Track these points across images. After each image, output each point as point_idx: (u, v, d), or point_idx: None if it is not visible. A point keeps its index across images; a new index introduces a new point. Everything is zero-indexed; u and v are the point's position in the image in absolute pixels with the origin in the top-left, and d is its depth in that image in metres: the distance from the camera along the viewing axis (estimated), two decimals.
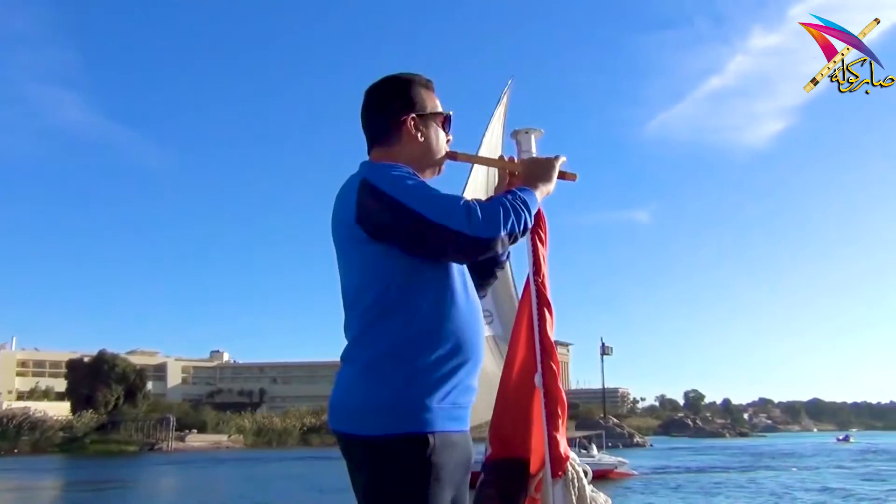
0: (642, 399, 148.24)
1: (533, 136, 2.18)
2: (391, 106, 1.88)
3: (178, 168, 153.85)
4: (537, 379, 2.09)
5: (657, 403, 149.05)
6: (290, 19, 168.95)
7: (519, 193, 1.80)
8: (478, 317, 1.81)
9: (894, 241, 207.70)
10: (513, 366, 2.19)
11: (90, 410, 67.47)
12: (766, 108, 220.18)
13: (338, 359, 1.76)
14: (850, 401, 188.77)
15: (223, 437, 72.76)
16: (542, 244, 2.17)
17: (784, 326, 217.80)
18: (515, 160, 2.08)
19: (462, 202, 1.68)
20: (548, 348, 2.11)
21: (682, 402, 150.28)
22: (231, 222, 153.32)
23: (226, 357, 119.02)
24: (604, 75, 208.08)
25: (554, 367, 2.08)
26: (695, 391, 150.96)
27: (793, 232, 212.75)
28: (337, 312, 1.80)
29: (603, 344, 72.15)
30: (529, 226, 1.78)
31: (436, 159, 1.92)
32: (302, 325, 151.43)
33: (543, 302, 2.14)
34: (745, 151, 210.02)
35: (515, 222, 1.71)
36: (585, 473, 2.07)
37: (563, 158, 1.98)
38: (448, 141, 1.95)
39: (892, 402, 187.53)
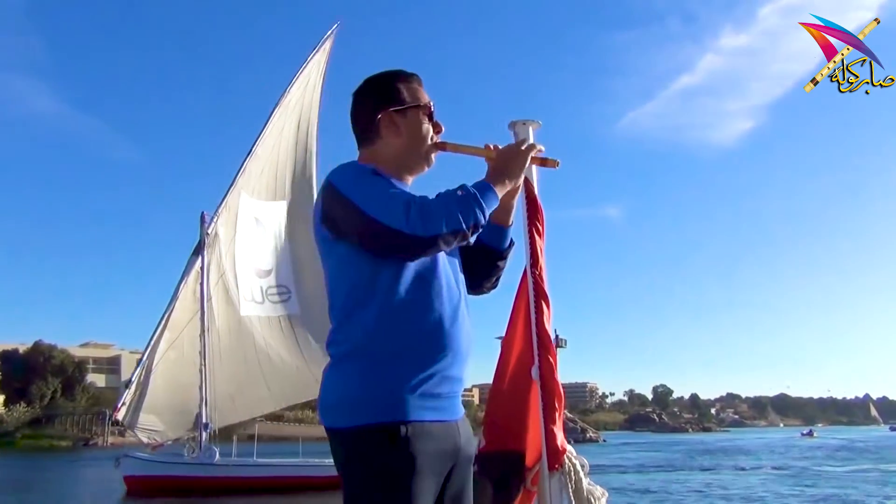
0: (611, 394, 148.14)
1: (531, 128, 2.15)
2: (368, 104, 1.90)
3: (141, 158, 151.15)
4: (534, 372, 2.11)
5: (626, 398, 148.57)
6: (260, 7, 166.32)
7: (471, 188, 1.74)
8: (457, 310, 1.79)
9: (860, 238, 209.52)
10: (509, 358, 2.21)
11: (22, 404, 64.75)
12: (735, 106, 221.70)
13: None
14: (815, 396, 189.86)
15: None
16: (540, 236, 2.17)
17: (752, 323, 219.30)
18: (495, 148, 1.97)
19: (404, 200, 1.67)
20: (545, 341, 2.13)
21: (650, 396, 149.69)
22: (192, 215, 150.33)
23: None
24: (575, 73, 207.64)
25: (551, 360, 2.11)
26: (663, 386, 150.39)
27: (759, 229, 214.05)
28: None
29: (557, 336, 70.60)
30: (481, 221, 1.71)
31: (420, 151, 1.90)
32: None
33: (541, 294, 2.16)
34: (714, 149, 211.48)
35: (461, 219, 1.66)
36: (583, 466, 2.09)
37: (537, 147, 1.92)
38: (440, 131, 1.92)
39: (856, 397, 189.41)
